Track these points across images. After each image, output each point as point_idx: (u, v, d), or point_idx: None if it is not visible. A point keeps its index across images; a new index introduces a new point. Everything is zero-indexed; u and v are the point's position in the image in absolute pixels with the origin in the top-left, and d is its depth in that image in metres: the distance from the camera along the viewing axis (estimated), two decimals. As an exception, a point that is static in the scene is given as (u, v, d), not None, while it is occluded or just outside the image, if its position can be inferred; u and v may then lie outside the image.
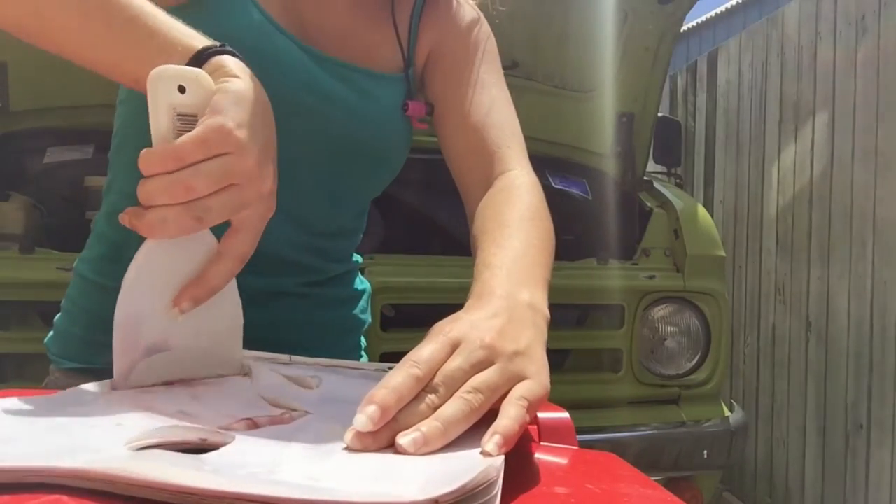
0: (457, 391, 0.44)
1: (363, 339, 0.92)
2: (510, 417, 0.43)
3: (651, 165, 2.41)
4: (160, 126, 0.49)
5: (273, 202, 0.53)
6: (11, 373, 1.60)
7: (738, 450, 1.91)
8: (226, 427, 0.44)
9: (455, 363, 0.46)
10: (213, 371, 0.54)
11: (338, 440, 0.42)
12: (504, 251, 0.61)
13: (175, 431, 0.42)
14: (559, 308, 0.59)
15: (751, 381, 3.13)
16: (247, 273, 0.53)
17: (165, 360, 0.52)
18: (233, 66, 0.52)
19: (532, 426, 0.50)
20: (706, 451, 1.83)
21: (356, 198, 0.83)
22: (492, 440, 0.41)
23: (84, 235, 0.83)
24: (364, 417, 0.41)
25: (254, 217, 0.51)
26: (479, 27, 0.82)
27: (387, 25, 0.79)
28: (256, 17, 0.70)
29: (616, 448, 1.36)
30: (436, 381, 0.44)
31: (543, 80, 2.08)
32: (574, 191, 2.09)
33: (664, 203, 2.03)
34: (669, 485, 1.80)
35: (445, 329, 0.48)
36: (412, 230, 1.93)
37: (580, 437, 0.52)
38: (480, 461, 0.39)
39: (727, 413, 1.93)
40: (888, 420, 2.28)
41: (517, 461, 0.42)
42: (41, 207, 1.68)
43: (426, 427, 0.41)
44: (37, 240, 1.60)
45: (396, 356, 0.70)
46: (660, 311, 1.90)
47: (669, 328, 1.91)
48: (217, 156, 0.47)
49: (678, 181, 2.71)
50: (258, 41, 0.69)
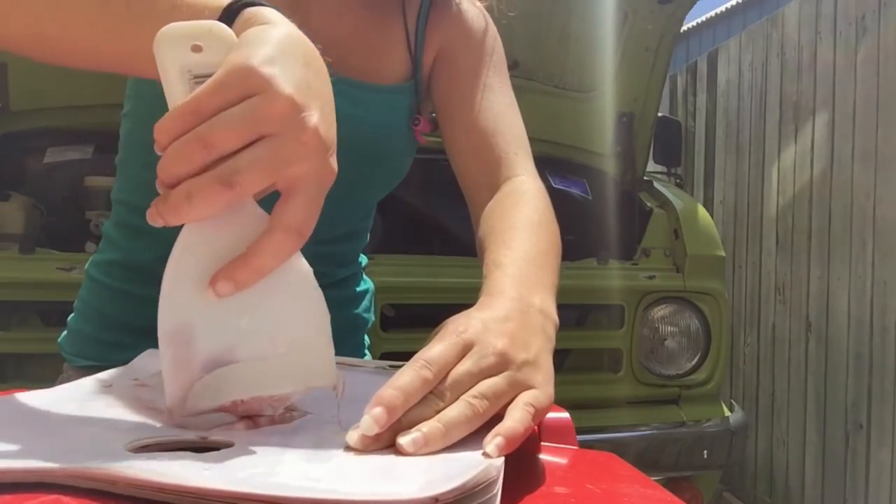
0: (463, 395, 0.44)
1: (367, 338, 0.92)
2: (515, 420, 0.43)
3: (651, 165, 2.42)
4: (175, 95, 0.41)
5: (330, 161, 0.42)
6: (11, 373, 1.60)
7: (738, 450, 1.92)
8: (226, 427, 0.44)
9: (464, 367, 0.45)
10: (299, 385, 0.44)
11: (338, 440, 0.42)
12: (514, 252, 0.61)
13: (175, 431, 0.42)
14: (559, 308, 0.59)
15: (751, 381, 3.13)
16: None
17: (232, 376, 0.43)
18: (268, 15, 0.44)
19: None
20: (706, 451, 1.83)
21: (362, 200, 0.83)
22: (493, 442, 0.41)
23: (84, 235, 0.83)
24: (370, 421, 0.40)
25: (305, 177, 0.41)
26: (487, 30, 0.81)
27: (396, 29, 0.79)
28: None
29: (616, 448, 1.36)
30: (443, 385, 0.44)
31: (544, 80, 2.08)
32: (574, 191, 2.09)
33: (664, 203, 2.03)
34: (669, 485, 1.80)
35: (459, 328, 0.47)
36: (412, 230, 1.93)
37: (580, 437, 0.52)
38: (481, 461, 0.39)
39: (727, 413, 1.93)
40: (888, 420, 2.28)
41: (517, 461, 0.42)
42: (41, 207, 1.68)
43: (427, 428, 0.41)
44: (37, 240, 1.59)
45: (396, 356, 0.70)
46: (660, 311, 1.90)
47: (669, 328, 1.91)
48: (241, 102, 0.39)
49: (678, 181, 2.71)
50: None
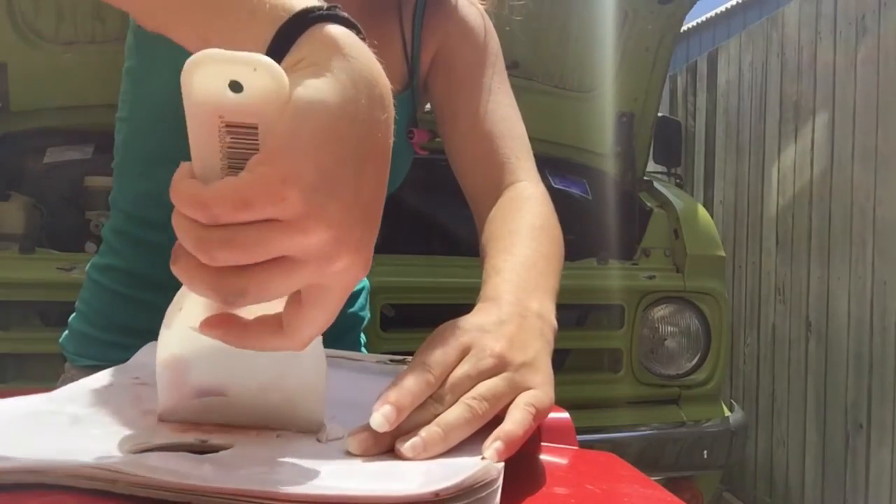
0: (461, 397, 0.44)
1: (363, 336, 0.92)
2: (515, 422, 0.43)
3: (651, 165, 2.42)
4: (200, 145, 0.33)
5: (364, 268, 0.36)
6: (11, 373, 1.60)
7: (738, 450, 1.92)
8: (226, 430, 0.44)
9: (463, 370, 0.45)
10: (284, 427, 0.44)
11: (338, 442, 0.42)
12: (514, 258, 0.61)
13: (175, 434, 0.42)
14: (559, 308, 0.59)
15: (751, 381, 3.13)
16: None
17: (221, 405, 0.44)
18: (342, 42, 0.35)
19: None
20: (706, 451, 1.83)
21: None
22: (492, 446, 0.40)
23: (84, 235, 0.83)
24: (380, 417, 0.40)
25: (326, 293, 0.35)
26: (486, 29, 0.80)
27: (392, 33, 0.77)
28: None
29: (616, 448, 1.36)
30: (442, 389, 0.44)
31: (544, 80, 2.08)
32: (574, 191, 2.09)
33: (664, 203, 2.04)
34: (669, 485, 1.80)
35: (456, 332, 0.48)
36: (412, 230, 1.93)
37: (580, 437, 0.52)
38: (481, 460, 0.39)
39: (727, 413, 1.93)
40: (888, 420, 2.28)
41: (517, 461, 0.42)
42: (41, 207, 1.68)
43: (426, 432, 0.41)
44: (37, 240, 1.60)
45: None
46: (660, 311, 1.90)
47: (669, 328, 1.91)
48: (264, 220, 0.32)
49: (678, 181, 2.71)
50: None
